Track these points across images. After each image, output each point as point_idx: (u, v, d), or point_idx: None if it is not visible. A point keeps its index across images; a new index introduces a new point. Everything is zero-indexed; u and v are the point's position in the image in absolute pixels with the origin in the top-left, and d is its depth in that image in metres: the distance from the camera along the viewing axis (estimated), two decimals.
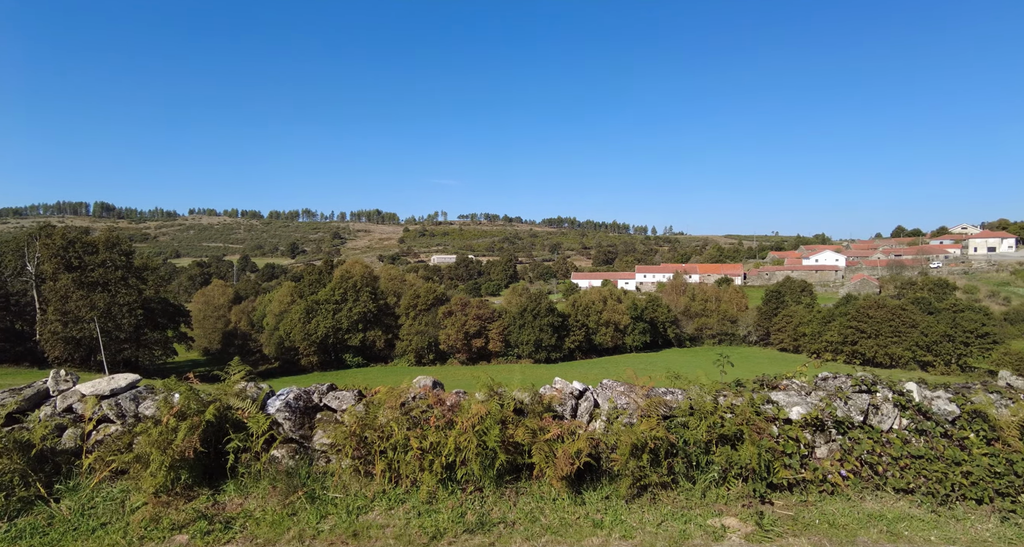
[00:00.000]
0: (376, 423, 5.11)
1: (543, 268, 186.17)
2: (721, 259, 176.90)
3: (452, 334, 67.65)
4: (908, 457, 4.95)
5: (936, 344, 59.20)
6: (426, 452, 4.91)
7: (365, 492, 4.80)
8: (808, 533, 4.18)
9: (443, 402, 5.32)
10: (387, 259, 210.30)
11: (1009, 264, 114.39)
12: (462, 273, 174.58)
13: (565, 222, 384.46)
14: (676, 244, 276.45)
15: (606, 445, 5.10)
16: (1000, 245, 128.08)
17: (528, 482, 4.98)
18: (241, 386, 5.26)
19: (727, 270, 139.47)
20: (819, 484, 4.89)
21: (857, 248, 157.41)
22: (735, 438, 5.03)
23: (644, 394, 5.55)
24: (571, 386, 5.71)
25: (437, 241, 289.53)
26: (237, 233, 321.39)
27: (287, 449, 5.04)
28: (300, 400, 5.34)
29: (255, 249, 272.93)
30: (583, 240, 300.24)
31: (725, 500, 4.69)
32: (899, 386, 5.51)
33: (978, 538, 4.10)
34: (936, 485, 4.65)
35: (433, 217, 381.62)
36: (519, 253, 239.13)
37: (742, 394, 5.41)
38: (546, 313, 70.27)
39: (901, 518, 4.37)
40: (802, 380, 5.86)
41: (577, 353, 74.51)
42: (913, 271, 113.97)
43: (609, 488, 4.83)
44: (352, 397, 5.47)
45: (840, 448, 5.14)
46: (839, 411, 5.25)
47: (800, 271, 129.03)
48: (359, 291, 70.60)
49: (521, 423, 5.10)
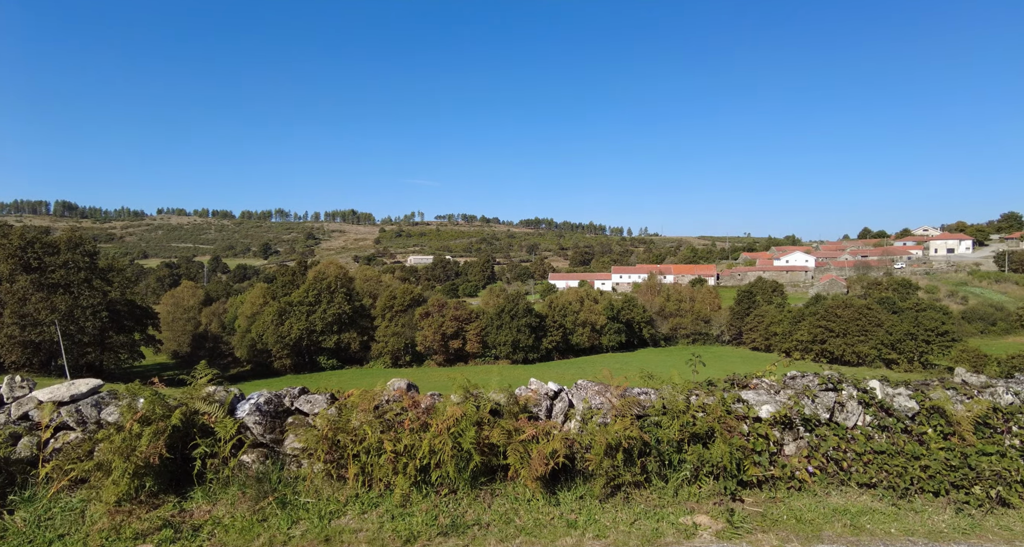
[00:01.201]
0: (349, 426, 5.05)
1: (521, 269, 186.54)
2: (695, 260, 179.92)
3: (429, 335, 67.27)
4: (871, 452, 5.10)
5: (900, 342, 61.18)
6: (400, 455, 4.87)
7: (338, 496, 4.73)
8: (776, 529, 4.27)
9: (418, 404, 5.28)
10: (363, 260, 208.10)
11: (966, 265, 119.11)
12: (439, 274, 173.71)
13: (543, 223, 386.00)
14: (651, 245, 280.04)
15: (580, 445, 5.13)
16: (958, 246, 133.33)
17: (503, 483, 4.98)
18: (209, 390, 5.13)
19: (701, 271, 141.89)
20: (787, 481, 5.00)
21: (826, 249, 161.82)
22: (707, 437, 5.11)
23: (618, 394, 5.60)
24: (546, 387, 5.73)
25: (414, 242, 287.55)
26: (208, 233, 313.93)
27: (257, 454, 4.94)
28: (270, 404, 5.23)
29: (227, 250, 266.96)
30: (560, 241, 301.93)
31: (697, 498, 4.76)
32: (863, 384, 5.67)
33: (935, 529, 4.25)
34: (896, 479, 4.81)
35: (410, 217, 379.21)
36: (497, 254, 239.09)
37: (713, 393, 5.50)
38: (524, 314, 70.42)
39: (864, 512, 4.50)
40: (771, 379, 5.98)
41: (554, 353, 74.84)
42: (878, 272, 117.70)
43: (583, 488, 4.86)
44: (324, 400, 5.39)
45: (807, 445, 5.26)
46: (807, 409, 5.38)
47: (771, 272, 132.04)
48: (334, 292, 69.66)
49: (497, 424, 5.10)
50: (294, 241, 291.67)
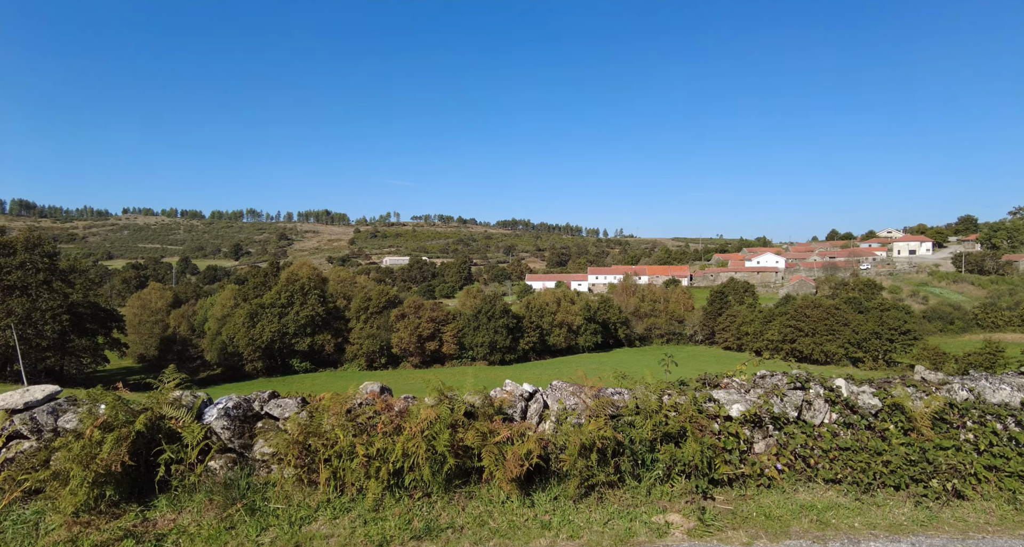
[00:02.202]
0: (320, 430, 4.97)
1: (498, 270, 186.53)
2: (669, 261, 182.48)
3: (405, 337, 66.70)
4: (837, 449, 5.24)
5: (865, 341, 63.10)
6: (373, 459, 4.81)
7: (309, 502, 4.65)
8: (746, 526, 4.35)
9: (391, 407, 5.22)
10: (337, 261, 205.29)
11: (927, 266, 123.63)
12: (415, 275, 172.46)
13: (519, 224, 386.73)
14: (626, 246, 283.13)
15: (555, 446, 5.15)
16: (919, 248, 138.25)
17: (478, 485, 4.96)
18: (175, 394, 4.98)
19: (675, 272, 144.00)
20: (757, 478, 5.10)
21: (796, 250, 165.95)
22: (679, 436, 5.18)
23: (593, 394, 5.63)
24: (521, 388, 5.73)
25: (389, 242, 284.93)
26: (176, 234, 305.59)
27: (225, 460, 4.82)
28: (239, 408, 5.12)
29: (196, 250, 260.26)
30: (537, 242, 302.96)
31: (669, 497, 4.82)
32: (829, 382, 5.82)
33: (895, 522, 4.39)
34: (860, 474, 4.95)
35: (385, 218, 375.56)
36: (474, 255, 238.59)
37: (685, 393, 5.58)
38: (501, 315, 70.40)
39: (829, 507, 4.62)
40: (742, 378, 6.09)
41: (531, 354, 75.01)
42: (845, 272, 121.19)
43: (558, 489, 4.87)
44: (295, 404, 5.29)
45: (776, 443, 5.37)
46: (776, 407, 5.49)
47: (743, 272, 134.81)
48: (307, 294, 68.52)
49: (471, 426, 5.08)
50: (266, 242, 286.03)
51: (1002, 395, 5.57)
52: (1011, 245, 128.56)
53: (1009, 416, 5.35)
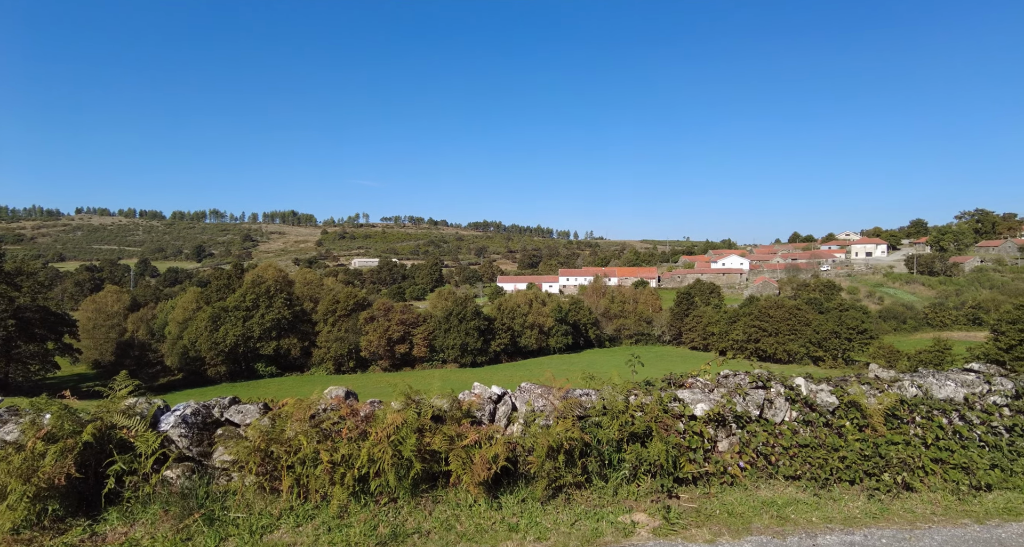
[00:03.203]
0: (283, 437, 4.84)
1: (469, 272, 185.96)
2: (638, 263, 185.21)
3: (374, 340, 65.83)
4: (796, 446, 5.39)
5: (825, 340, 65.30)
6: (337, 465, 4.72)
7: (271, 510, 4.53)
8: (709, 523, 4.44)
9: (356, 413, 5.14)
10: (304, 262, 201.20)
11: (882, 267, 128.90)
12: (385, 277, 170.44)
13: (491, 226, 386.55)
14: (597, 248, 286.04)
15: (523, 448, 5.14)
16: (875, 250, 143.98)
17: (445, 489, 4.92)
18: (129, 402, 4.79)
19: (643, 273, 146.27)
20: (720, 476, 5.20)
21: (759, 252, 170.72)
22: (645, 436, 5.24)
23: (561, 396, 5.66)
24: (490, 391, 5.71)
25: (358, 244, 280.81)
26: (135, 235, 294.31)
27: (182, 468, 4.65)
28: (198, 415, 4.95)
29: (156, 252, 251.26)
30: (509, 244, 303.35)
31: (635, 496, 4.88)
32: (790, 381, 5.98)
33: (850, 515, 4.54)
34: (818, 470, 5.11)
35: (354, 219, 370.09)
36: (445, 257, 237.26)
37: (651, 393, 5.65)
38: (472, 317, 70.19)
39: (789, 503, 4.75)
40: (706, 378, 6.21)
41: (503, 356, 75.01)
42: (807, 274, 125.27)
43: (525, 491, 4.87)
44: (257, 410, 5.15)
45: (739, 441, 5.49)
46: (739, 406, 5.61)
47: (709, 274, 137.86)
48: (272, 296, 66.94)
49: (439, 430, 5.03)
50: (230, 243, 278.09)
51: (947, 391, 5.84)
52: (957, 247, 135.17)
53: (954, 411, 5.61)
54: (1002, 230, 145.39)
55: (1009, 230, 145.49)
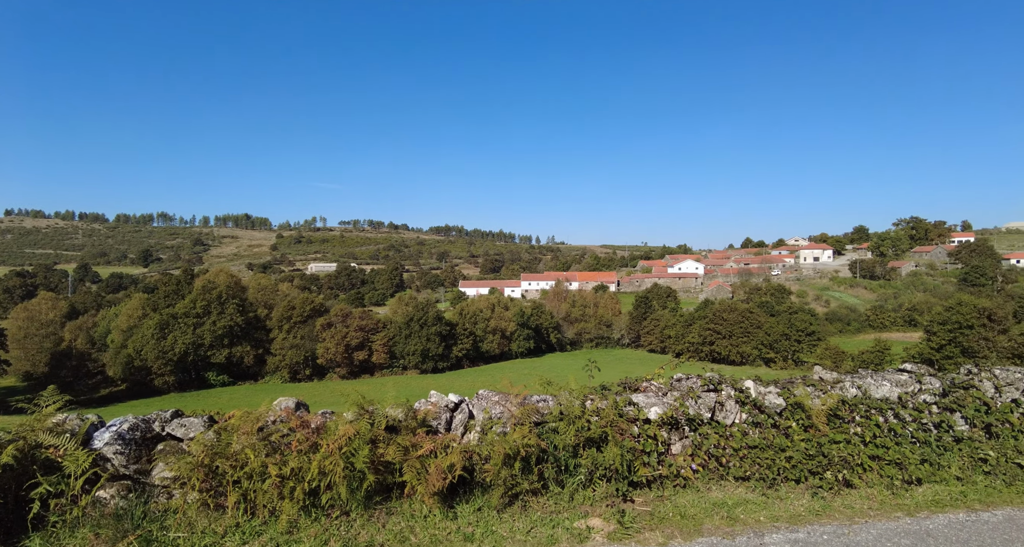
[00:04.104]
0: (229, 451, 4.65)
1: (431, 276, 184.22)
2: (598, 267, 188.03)
3: (332, 347, 64.32)
4: (746, 448, 5.55)
5: (776, 342, 67.82)
6: (286, 479, 4.56)
7: (215, 527, 4.33)
8: (663, 526, 4.51)
9: (307, 424, 4.99)
10: (258, 267, 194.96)
11: (828, 272, 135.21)
12: (343, 282, 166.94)
13: (453, 230, 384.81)
14: (558, 253, 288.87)
15: (480, 456, 5.11)
16: (822, 255, 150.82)
17: (399, 501, 4.83)
18: (58, 418, 4.49)
19: (603, 278, 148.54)
20: (674, 479, 5.30)
21: (714, 257, 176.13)
22: (600, 440, 5.29)
23: (518, 402, 5.65)
24: (446, 399, 5.65)
25: (315, 248, 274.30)
26: (74, 238, 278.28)
27: (118, 488, 4.39)
28: (136, 430, 4.69)
29: (98, 257, 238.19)
30: (471, 248, 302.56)
31: (591, 501, 4.91)
32: (739, 384, 6.16)
33: (795, 513, 4.71)
34: (766, 470, 5.27)
35: (311, 223, 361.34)
36: (406, 261, 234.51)
37: (607, 397, 5.71)
38: (434, 322, 69.55)
39: (739, 503, 4.88)
40: (660, 382, 6.33)
41: (465, 361, 74.59)
42: (759, 278, 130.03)
43: (482, 499, 4.83)
44: (201, 424, 4.93)
45: (692, 444, 5.62)
46: (691, 409, 5.74)
47: (666, 278, 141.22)
48: (224, 303, 64.53)
49: (393, 441, 4.94)
50: (179, 247, 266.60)
51: (884, 391, 6.15)
52: (895, 253, 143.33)
53: (889, 409, 5.91)
54: (933, 237, 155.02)
55: (939, 236, 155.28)
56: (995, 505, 4.93)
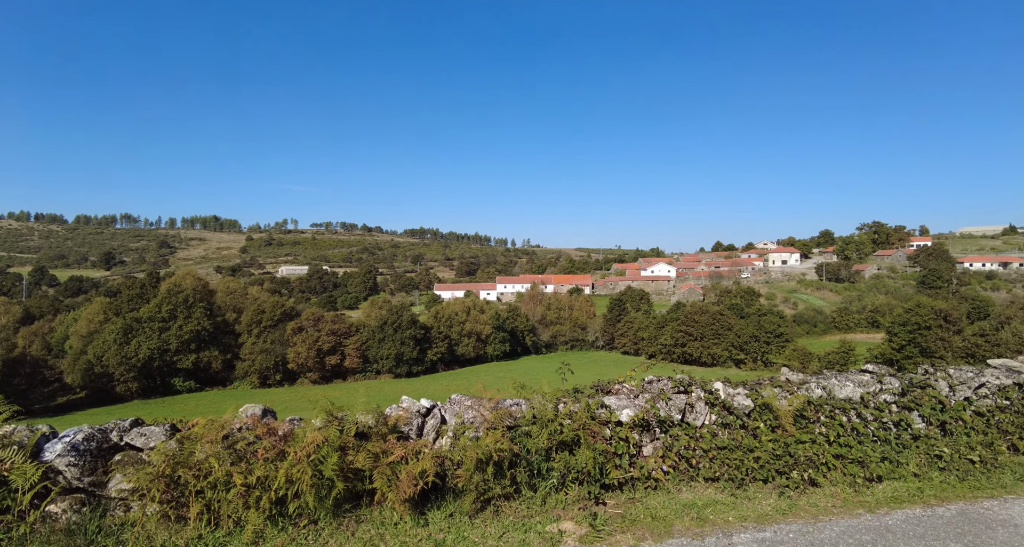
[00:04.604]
0: (192, 460, 4.51)
1: (405, 279, 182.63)
2: (573, 270, 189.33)
3: (303, 352, 63.16)
4: (716, 448, 5.63)
5: (746, 344, 69.27)
6: (252, 488, 4.44)
7: (176, 540, 4.19)
8: (634, 528, 4.54)
9: (274, 432, 4.87)
10: (226, 270, 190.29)
11: (796, 275, 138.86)
12: (315, 285, 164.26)
13: (428, 233, 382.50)
14: (533, 256, 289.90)
15: (452, 462, 5.06)
16: (790, 259, 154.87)
17: (369, 508, 4.75)
18: (5, 430, 4.29)
19: (578, 281, 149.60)
20: (645, 481, 5.34)
21: (686, 260, 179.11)
22: (573, 443, 5.30)
23: (491, 407, 5.63)
24: (418, 404, 5.60)
25: (286, 251, 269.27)
26: (29, 240, 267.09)
27: (71, 501, 4.21)
28: (92, 440, 4.51)
29: (56, 259, 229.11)
30: (446, 251, 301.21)
31: (563, 505, 4.91)
32: (709, 386, 6.26)
33: (763, 513, 4.80)
34: (735, 471, 5.36)
35: (282, 225, 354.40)
36: (379, 264, 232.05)
37: (580, 400, 5.73)
38: (408, 325, 68.93)
39: (709, 504, 4.95)
40: (632, 384, 6.38)
41: (440, 365, 74.09)
42: (729, 281, 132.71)
43: (453, 505, 4.79)
44: (163, 432, 4.77)
45: (663, 445, 5.67)
46: (662, 411, 5.80)
47: (639, 281, 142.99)
48: (191, 306, 62.79)
49: (363, 448, 4.86)
50: (144, 250, 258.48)
51: (847, 391, 6.33)
52: (859, 256, 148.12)
53: (852, 409, 6.08)
54: (894, 241, 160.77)
55: (900, 241, 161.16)
56: (949, 500, 5.11)
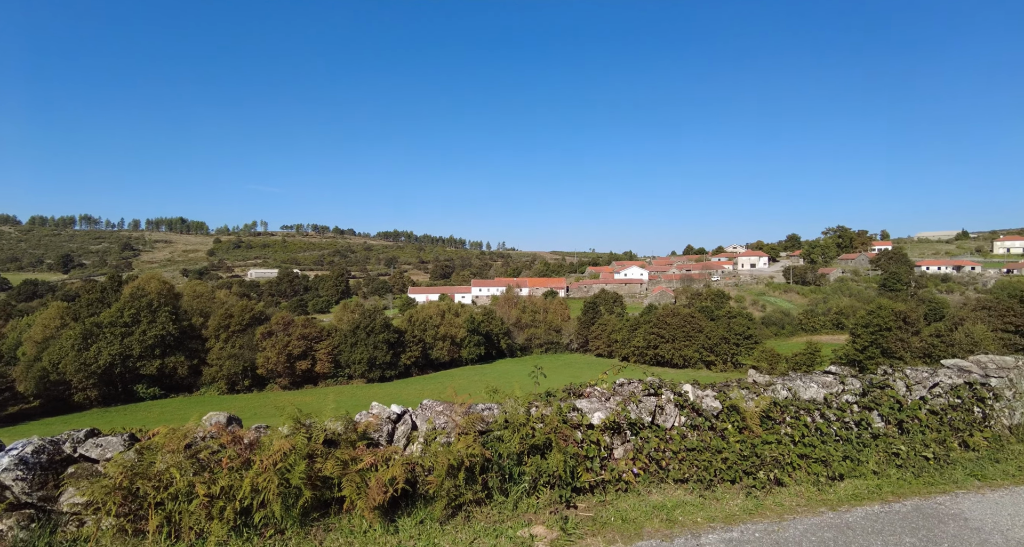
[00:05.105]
0: (151, 471, 4.36)
1: (378, 283, 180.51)
2: (548, 273, 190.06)
3: (272, 357, 61.80)
4: (685, 450, 5.71)
5: (717, 346, 70.60)
6: (216, 498, 4.32)
7: None
8: (604, 531, 4.56)
9: (239, 440, 4.74)
10: (193, 274, 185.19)
11: (764, 277, 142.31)
12: (286, 289, 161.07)
13: (402, 235, 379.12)
14: (509, 259, 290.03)
15: (423, 468, 5.00)
16: (759, 262, 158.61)
17: (338, 516, 4.66)
18: None
19: (553, 284, 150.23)
20: (616, 483, 5.38)
21: (658, 264, 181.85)
22: (545, 447, 5.30)
23: (463, 411, 5.59)
24: (388, 410, 5.53)
25: (256, 253, 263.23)
26: None
27: (17, 518, 4.01)
28: (43, 453, 4.31)
29: (8, 262, 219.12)
30: (420, 254, 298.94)
31: (535, 509, 4.91)
32: (678, 388, 6.34)
33: (730, 513, 4.89)
34: (704, 472, 5.45)
35: (251, 227, 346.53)
36: (352, 267, 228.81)
37: (552, 404, 5.74)
38: (381, 329, 68.12)
39: (678, 505, 5.01)
40: (603, 387, 6.42)
41: (413, 369, 73.40)
42: (700, 284, 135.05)
43: (424, 512, 4.74)
44: (120, 443, 4.60)
45: (633, 447, 5.72)
46: (632, 414, 5.85)
47: (612, 284, 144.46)
48: (156, 311, 60.85)
49: (331, 455, 4.77)
50: (105, 252, 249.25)
51: (811, 392, 6.50)
52: (824, 260, 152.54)
53: (816, 410, 6.25)
54: (857, 245, 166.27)
55: (863, 245, 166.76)
56: (905, 496, 5.29)
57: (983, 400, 6.93)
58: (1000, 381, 7.28)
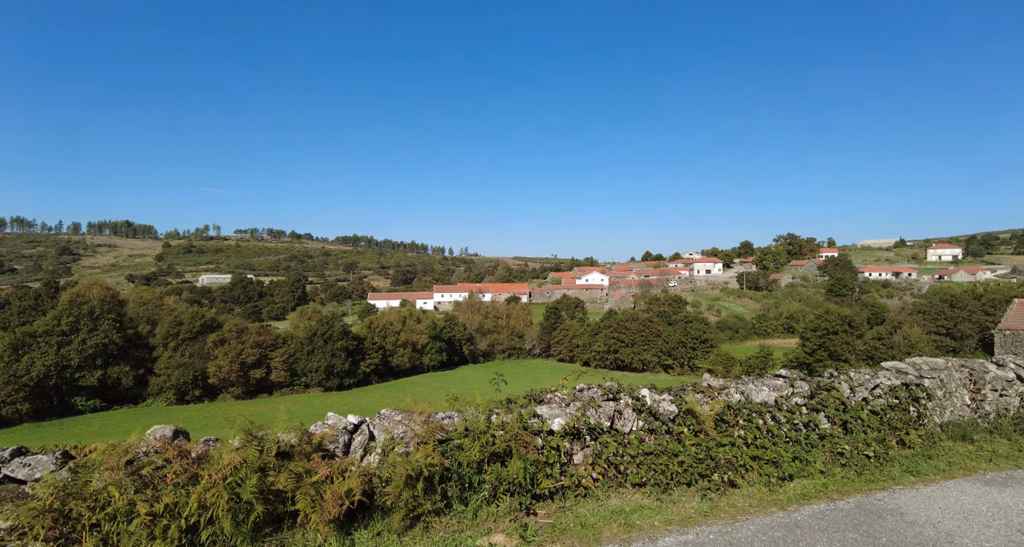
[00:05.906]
0: (87, 491, 4.11)
1: (337, 288, 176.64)
2: (511, 279, 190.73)
3: (225, 365, 59.54)
4: (643, 454, 5.80)
5: (674, 350, 72.25)
6: (159, 516, 4.11)
7: None
8: (564, 537, 4.58)
9: (187, 454, 4.53)
10: (140, 280, 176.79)
11: (719, 283, 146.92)
12: (239, 295, 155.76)
13: (362, 240, 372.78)
14: (471, 265, 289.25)
15: (380, 479, 4.91)
16: (714, 268, 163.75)
17: (292, 531, 4.51)
18: None
19: (515, 289, 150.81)
20: (575, 489, 5.41)
21: (617, 269, 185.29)
22: (505, 454, 5.29)
23: (423, 421, 5.51)
24: (345, 421, 5.40)
25: (208, 259, 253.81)
26: None
27: None
28: None
29: None
30: (381, 259, 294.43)
31: (495, 517, 4.88)
32: (636, 392, 6.45)
33: (686, 516, 4.99)
34: (661, 476, 5.54)
35: (203, 231, 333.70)
36: (309, 273, 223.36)
37: (512, 410, 5.74)
38: (339, 336, 66.65)
39: (636, 509, 5.08)
40: (563, 393, 6.46)
41: (373, 377, 72.07)
42: (658, 289, 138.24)
43: (381, 523, 4.64)
44: (51, 461, 4.32)
45: (593, 453, 5.77)
46: (592, 419, 5.91)
47: (574, 290, 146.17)
48: (97, 318, 57.71)
49: (285, 468, 4.62)
50: (41, 257, 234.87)
51: (763, 395, 6.72)
52: (775, 266, 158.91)
53: (767, 412, 6.47)
54: (806, 252, 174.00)
55: (811, 252, 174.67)
56: (848, 494, 5.54)
57: (918, 400, 7.34)
58: (932, 382, 7.73)
